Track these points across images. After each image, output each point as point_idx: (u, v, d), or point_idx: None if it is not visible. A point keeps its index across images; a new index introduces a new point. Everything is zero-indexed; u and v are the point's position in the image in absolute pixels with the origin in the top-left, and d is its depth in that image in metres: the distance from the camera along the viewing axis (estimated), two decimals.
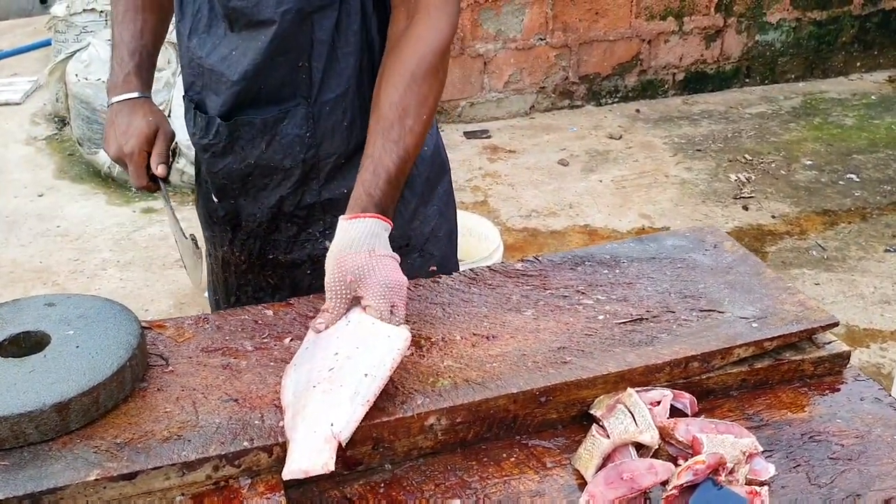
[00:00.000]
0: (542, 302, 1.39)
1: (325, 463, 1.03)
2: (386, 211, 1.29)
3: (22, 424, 1.05)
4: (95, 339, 1.18)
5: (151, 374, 1.21)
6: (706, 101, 5.51)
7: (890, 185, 4.44)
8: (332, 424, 1.07)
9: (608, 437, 1.14)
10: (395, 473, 1.15)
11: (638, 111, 5.35)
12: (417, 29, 1.34)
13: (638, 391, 1.20)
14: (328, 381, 1.12)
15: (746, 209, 4.18)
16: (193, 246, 1.46)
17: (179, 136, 1.62)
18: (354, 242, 1.23)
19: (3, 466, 1.03)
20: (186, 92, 1.56)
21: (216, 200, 1.58)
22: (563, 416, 1.22)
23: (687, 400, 1.23)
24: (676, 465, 1.11)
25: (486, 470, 1.15)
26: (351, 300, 1.23)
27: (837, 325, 1.34)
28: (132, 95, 1.53)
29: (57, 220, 4.07)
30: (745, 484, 1.10)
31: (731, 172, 4.56)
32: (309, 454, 1.04)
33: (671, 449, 1.16)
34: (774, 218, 4.12)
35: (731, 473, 1.09)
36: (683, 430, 1.15)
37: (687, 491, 1.06)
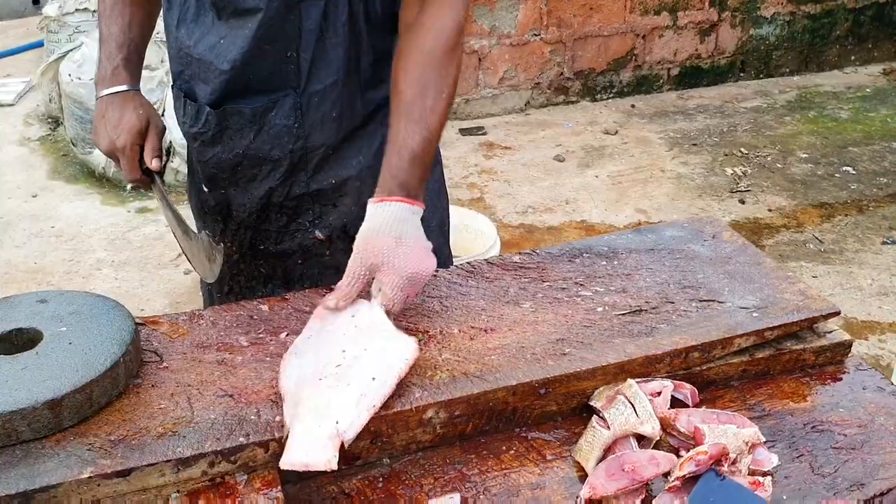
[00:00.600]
0: (540, 294, 1.38)
1: (328, 460, 1.02)
2: (413, 192, 1.29)
3: (14, 422, 1.03)
4: (88, 335, 1.17)
5: (146, 370, 1.20)
6: (701, 95, 5.50)
7: (886, 177, 4.43)
8: (337, 422, 1.05)
9: (609, 428, 1.13)
10: (393, 468, 1.13)
11: (633, 106, 5.33)
12: (431, 10, 1.36)
13: (638, 382, 1.19)
14: (335, 377, 1.11)
15: (743, 203, 4.17)
16: (209, 240, 1.44)
17: (174, 134, 1.60)
18: (382, 227, 1.25)
19: None
20: (175, 81, 1.55)
21: (206, 190, 1.58)
22: (562, 408, 1.21)
23: (688, 391, 1.22)
24: (678, 456, 1.10)
25: (485, 463, 1.14)
26: (366, 283, 1.24)
27: (839, 314, 1.33)
28: (121, 88, 1.52)
29: (51, 220, 4.05)
30: (747, 474, 1.09)
31: (727, 166, 4.55)
32: (312, 449, 1.03)
33: (672, 440, 1.15)
34: (771, 211, 4.11)
35: (733, 464, 1.08)
36: (685, 420, 1.14)
37: (689, 482, 1.05)
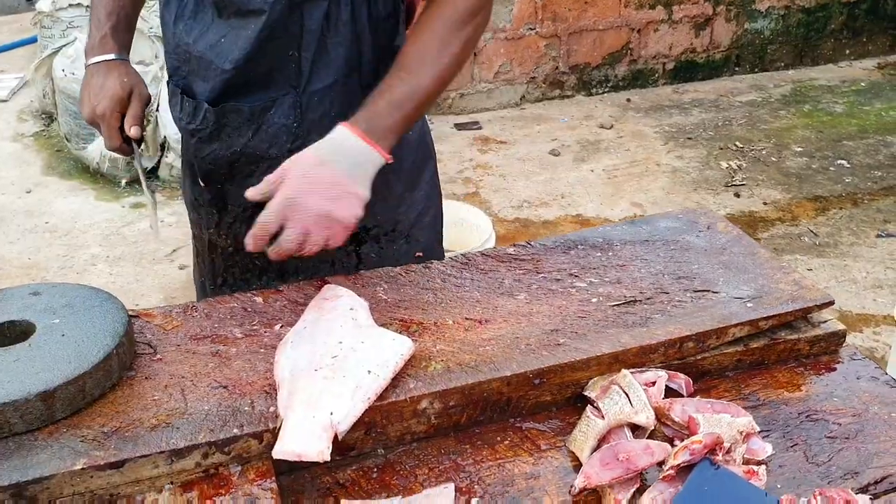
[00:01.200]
0: (534, 286, 1.37)
1: (321, 451, 1.02)
2: (377, 135, 1.28)
3: (6, 414, 1.03)
4: (81, 327, 1.16)
5: (139, 362, 1.19)
6: (696, 89, 5.50)
7: (880, 170, 4.44)
8: (331, 413, 1.05)
9: (603, 418, 1.13)
10: (387, 458, 1.13)
11: (628, 101, 5.34)
12: None
13: (633, 372, 1.19)
14: (330, 368, 1.11)
15: (738, 196, 4.18)
16: (152, 197, 1.47)
17: (168, 129, 1.61)
18: (318, 146, 1.26)
19: None
20: (171, 77, 1.54)
21: (202, 184, 1.57)
22: (557, 398, 1.21)
23: (682, 380, 1.22)
24: (673, 445, 1.09)
25: (479, 453, 1.13)
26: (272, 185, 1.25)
27: (833, 303, 1.33)
28: (108, 57, 1.50)
29: (45, 216, 4.04)
30: (742, 464, 1.09)
31: (722, 160, 4.55)
32: (306, 438, 1.03)
33: (667, 430, 1.14)
34: (766, 205, 4.11)
35: (728, 453, 1.08)
36: (679, 410, 1.14)
37: (684, 471, 1.05)
